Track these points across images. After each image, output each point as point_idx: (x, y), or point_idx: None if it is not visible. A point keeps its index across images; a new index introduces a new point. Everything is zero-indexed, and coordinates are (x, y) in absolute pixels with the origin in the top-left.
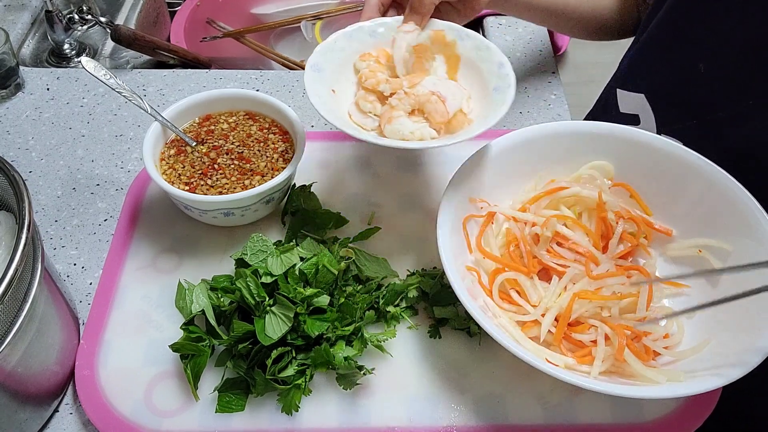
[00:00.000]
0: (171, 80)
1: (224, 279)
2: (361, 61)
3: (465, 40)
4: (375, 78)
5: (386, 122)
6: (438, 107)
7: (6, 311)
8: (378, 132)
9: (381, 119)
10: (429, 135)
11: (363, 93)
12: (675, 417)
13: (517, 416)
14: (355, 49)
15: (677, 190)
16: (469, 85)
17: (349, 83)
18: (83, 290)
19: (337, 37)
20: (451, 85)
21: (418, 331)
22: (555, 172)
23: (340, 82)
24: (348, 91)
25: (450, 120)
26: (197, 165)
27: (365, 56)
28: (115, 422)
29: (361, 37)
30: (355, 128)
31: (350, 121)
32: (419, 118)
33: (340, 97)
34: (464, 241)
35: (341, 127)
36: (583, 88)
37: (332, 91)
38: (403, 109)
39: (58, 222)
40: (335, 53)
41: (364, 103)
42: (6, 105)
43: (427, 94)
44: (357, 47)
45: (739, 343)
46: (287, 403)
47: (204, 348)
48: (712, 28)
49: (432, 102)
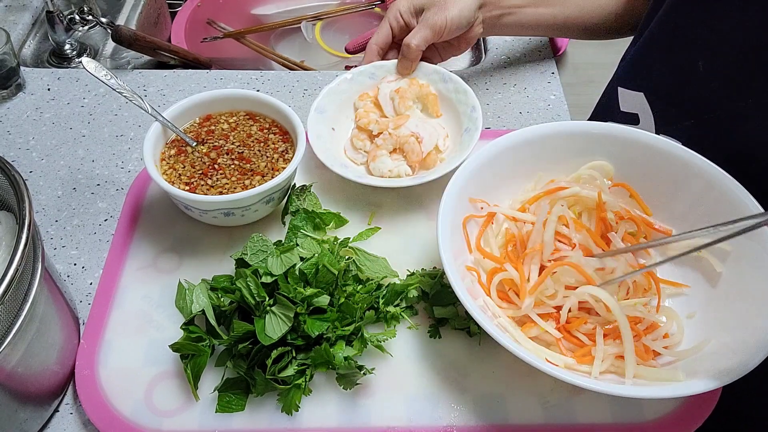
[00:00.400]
0: (171, 80)
1: (224, 279)
2: (360, 101)
3: (447, 83)
4: (367, 118)
5: (371, 159)
6: (414, 147)
7: (6, 311)
8: (365, 166)
9: (368, 156)
10: (405, 172)
11: (356, 131)
12: (675, 417)
13: (517, 416)
14: (356, 91)
15: (677, 190)
16: (449, 123)
17: (348, 120)
18: (83, 290)
19: (340, 80)
20: (432, 125)
21: (418, 331)
22: (555, 172)
23: (340, 120)
24: (347, 128)
25: (425, 158)
26: (197, 165)
27: (363, 96)
28: (115, 422)
29: (360, 79)
30: (343, 165)
31: (344, 155)
32: (399, 156)
33: (339, 134)
34: (464, 241)
35: (329, 166)
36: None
37: (332, 129)
38: (386, 148)
39: (59, 222)
40: (337, 95)
41: (356, 141)
42: (7, 105)
43: (407, 135)
44: (357, 89)
45: (739, 343)
46: (287, 403)
47: (204, 348)
48: (711, 27)
49: (410, 143)
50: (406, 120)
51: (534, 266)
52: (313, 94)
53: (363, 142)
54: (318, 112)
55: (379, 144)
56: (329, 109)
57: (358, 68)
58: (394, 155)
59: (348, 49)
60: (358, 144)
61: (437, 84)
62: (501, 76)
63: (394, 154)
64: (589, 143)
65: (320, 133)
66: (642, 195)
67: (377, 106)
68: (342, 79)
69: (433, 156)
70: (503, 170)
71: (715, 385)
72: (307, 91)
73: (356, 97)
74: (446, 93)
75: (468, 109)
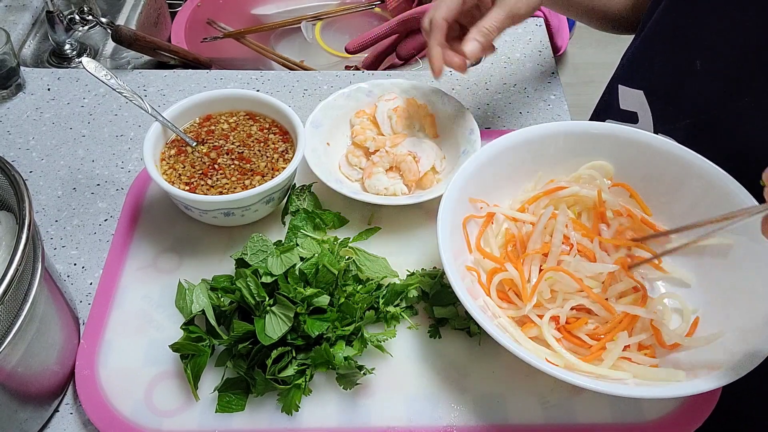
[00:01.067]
0: (171, 80)
1: (224, 279)
2: (356, 118)
3: (446, 105)
4: (363, 135)
5: (367, 176)
6: (411, 167)
7: (6, 311)
8: (360, 183)
9: (364, 173)
10: (401, 191)
11: (352, 147)
12: (675, 417)
13: (517, 416)
14: (352, 107)
15: (676, 189)
16: (446, 144)
17: (344, 137)
18: (83, 290)
19: (337, 96)
20: (429, 146)
21: (418, 331)
22: (555, 172)
23: (335, 136)
24: (341, 144)
25: (421, 178)
26: (197, 165)
27: (360, 113)
28: (115, 422)
29: (358, 96)
30: (338, 181)
31: (339, 171)
32: (395, 175)
33: (333, 149)
34: (464, 241)
35: (325, 180)
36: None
37: (327, 143)
38: (382, 166)
39: (59, 222)
40: (334, 110)
41: (352, 157)
42: (7, 105)
43: (404, 154)
44: (354, 105)
45: (738, 344)
46: (287, 403)
47: (204, 348)
48: (709, 26)
49: (407, 162)
50: (403, 139)
51: (534, 267)
52: (313, 94)
53: (358, 158)
54: (313, 127)
55: (375, 161)
56: (325, 124)
57: (357, 84)
58: (390, 173)
59: (348, 49)
60: (354, 160)
61: (436, 105)
62: (501, 76)
63: (390, 172)
64: (589, 143)
65: (315, 147)
66: (642, 195)
67: (374, 123)
68: (339, 95)
69: (429, 176)
70: (503, 170)
71: (715, 385)
72: (307, 91)
73: (353, 114)
74: (444, 114)
75: (466, 132)
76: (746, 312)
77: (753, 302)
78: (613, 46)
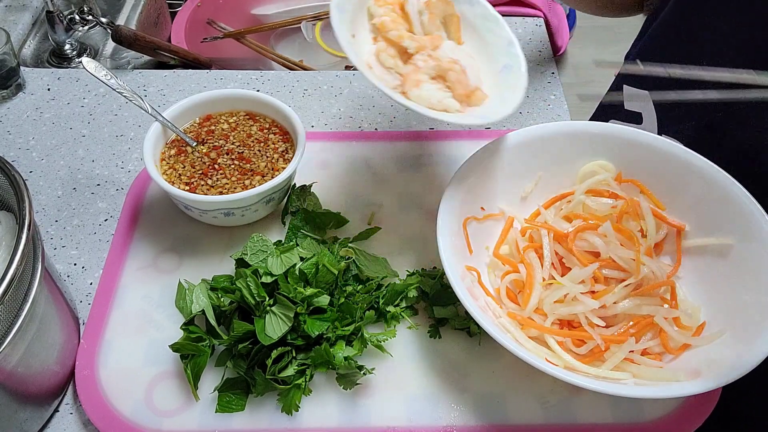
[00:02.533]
0: (171, 81)
1: (224, 279)
2: (377, 7)
3: (475, 6)
4: (398, 30)
5: (413, 85)
6: (461, 78)
7: (6, 311)
8: (400, 92)
9: (406, 80)
10: (454, 107)
11: (384, 45)
12: (675, 417)
13: (517, 416)
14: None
15: (677, 190)
16: (476, 54)
17: (364, 29)
18: (83, 290)
19: None
20: (467, 53)
21: (418, 331)
22: (555, 172)
23: (357, 27)
24: (364, 38)
25: (473, 92)
26: (197, 165)
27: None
28: (115, 422)
29: None
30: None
31: (369, 72)
32: (442, 86)
33: (358, 44)
34: (464, 241)
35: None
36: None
37: (352, 36)
38: (427, 73)
39: (59, 222)
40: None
41: (386, 57)
42: (7, 105)
43: (450, 61)
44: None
45: (739, 344)
46: (287, 403)
47: (204, 348)
48: (713, 28)
49: (455, 71)
50: (441, 42)
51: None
52: (313, 94)
53: (394, 59)
54: (339, 11)
55: (420, 66)
56: (348, 9)
57: None
58: (436, 84)
59: None
60: (389, 61)
61: (460, 4)
62: None
63: (434, 82)
64: (590, 143)
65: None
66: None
67: (404, 17)
68: None
69: (477, 93)
70: (503, 170)
71: (715, 385)
72: (307, 91)
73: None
74: (471, 18)
75: (503, 43)
76: (746, 312)
77: (753, 302)
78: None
